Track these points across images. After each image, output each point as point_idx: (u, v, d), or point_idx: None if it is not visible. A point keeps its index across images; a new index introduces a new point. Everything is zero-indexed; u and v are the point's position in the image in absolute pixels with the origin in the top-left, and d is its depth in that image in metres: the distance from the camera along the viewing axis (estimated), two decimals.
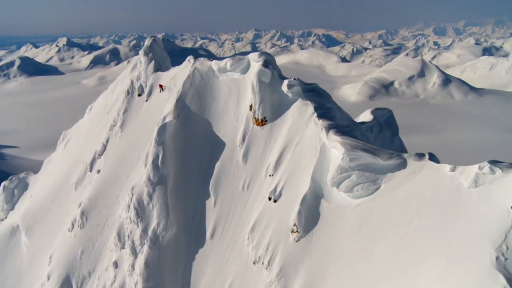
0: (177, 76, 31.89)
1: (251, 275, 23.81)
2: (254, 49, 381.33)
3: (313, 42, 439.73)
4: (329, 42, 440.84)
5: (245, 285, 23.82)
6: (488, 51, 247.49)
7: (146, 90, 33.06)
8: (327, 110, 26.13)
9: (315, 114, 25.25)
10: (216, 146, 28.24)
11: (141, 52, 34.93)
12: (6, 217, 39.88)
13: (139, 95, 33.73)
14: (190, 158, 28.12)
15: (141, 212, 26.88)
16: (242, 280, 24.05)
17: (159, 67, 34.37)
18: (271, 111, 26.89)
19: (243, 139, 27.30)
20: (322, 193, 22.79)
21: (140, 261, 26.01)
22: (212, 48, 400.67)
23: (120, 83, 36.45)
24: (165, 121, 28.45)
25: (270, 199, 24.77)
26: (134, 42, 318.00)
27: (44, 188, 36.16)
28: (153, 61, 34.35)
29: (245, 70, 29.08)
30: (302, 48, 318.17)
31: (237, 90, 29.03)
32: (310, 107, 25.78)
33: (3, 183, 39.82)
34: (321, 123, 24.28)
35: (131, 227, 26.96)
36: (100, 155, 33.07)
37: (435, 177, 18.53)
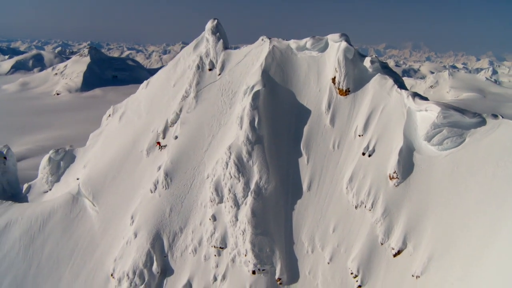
0: (251, 53, 35.23)
1: (354, 218, 27.98)
2: None
3: None
4: None
5: (350, 226, 27.92)
6: (407, 73, 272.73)
7: (218, 66, 35.88)
8: (400, 83, 31.44)
9: (396, 86, 30.39)
10: (301, 112, 32.09)
11: (208, 31, 37.61)
12: (50, 189, 39.53)
13: (210, 69, 36.37)
14: (280, 122, 31.65)
15: (241, 168, 29.76)
16: (346, 222, 28.10)
17: (226, 46, 37.37)
18: (353, 83, 31.50)
19: (329, 106, 31.54)
20: (414, 147, 27.81)
21: (245, 211, 28.84)
22: (140, 59, 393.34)
23: (182, 60, 38.59)
24: (254, 90, 31.68)
25: (364, 154, 29.23)
26: (59, 49, 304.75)
27: (104, 157, 36.88)
28: (221, 40, 37.26)
29: (323, 49, 33.45)
30: None
31: (316, 66, 33.24)
32: (389, 80, 30.88)
33: (48, 155, 39.45)
34: (405, 92, 29.49)
35: (232, 182, 29.68)
36: (174, 123, 35.05)
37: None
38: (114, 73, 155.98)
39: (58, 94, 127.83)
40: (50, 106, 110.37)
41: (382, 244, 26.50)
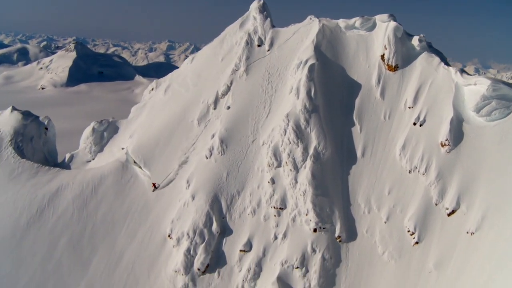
0: (299, 31, 37.15)
1: (408, 181, 30.10)
2: (168, 60, 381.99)
3: None
4: None
5: (404, 189, 30.02)
6: None
7: (267, 42, 37.66)
8: (445, 61, 33.89)
9: (442, 63, 32.81)
10: (352, 86, 34.13)
11: (255, 10, 39.36)
12: (93, 159, 40.28)
13: (258, 45, 38.06)
14: (333, 94, 33.59)
15: (300, 134, 31.51)
16: (400, 186, 30.19)
17: (273, 24, 39.21)
18: (401, 60, 33.75)
19: (378, 81, 33.68)
20: (462, 118, 30.19)
21: (305, 174, 30.58)
22: (125, 56, 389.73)
23: (229, 37, 40.11)
24: (308, 64, 33.56)
25: (415, 124, 31.45)
26: (44, 43, 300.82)
27: (153, 127, 37.97)
28: (268, 18, 39.04)
29: (371, 29, 35.63)
30: None
31: (364, 44, 35.38)
32: (436, 58, 33.28)
33: (92, 125, 40.18)
34: (453, 68, 31.92)
35: (290, 147, 31.39)
36: (224, 94, 36.55)
37: None
38: (100, 69, 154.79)
39: (43, 88, 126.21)
40: (35, 100, 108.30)
41: (436, 204, 28.62)
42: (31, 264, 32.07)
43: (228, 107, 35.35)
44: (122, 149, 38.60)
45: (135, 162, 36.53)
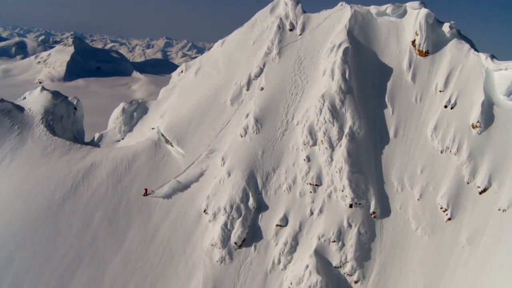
0: (331, 17, 38.13)
1: (440, 161, 31.19)
2: (165, 57, 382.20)
3: None
4: None
5: (436, 168, 31.11)
6: None
7: (299, 27, 38.62)
8: (474, 47, 35.05)
9: (472, 50, 33.96)
10: (384, 70, 35.16)
11: None
12: (123, 138, 40.93)
13: (290, 30, 38.99)
14: (365, 77, 34.59)
15: (335, 114, 32.46)
16: (432, 165, 31.27)
17: (304, 9, 40.19)
18: (432, 46, 34.85)
19: (409, 65, 34.75)
20: (493, 101, 31.36)
21: (341, 152, 31.54)
22: (123, 52, 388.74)
23: (259, 22, 40.95)
24: (342, 47, 34.54)
25: (446, 107, 32.56)
26: (42, 37, 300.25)
27: (184, 107, 38.70)
28: (299, 4, 40.01)
29: (401, 15, 36.71)
30: None
31: (395, 30, 36.44)
32: (466, 45, 34.44)
33: (122, 106, 40.82)
34: (483, 54, 33.08)
35: (326, 126, 32.32)
36: (257, 76, 37.41)
37: None
38: (97, 65, 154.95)
39: (40, 82, 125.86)
40: None
41: (468, 183, 29.73)
42: (67, 237, 32.66)
43: (262, 88, 36.19)
44: (153, 129, 39.28)
45: (166, 141, 37.21)
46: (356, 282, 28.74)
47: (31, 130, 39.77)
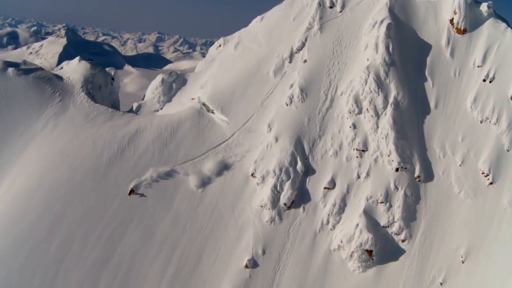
0: None
1: (480, 130, 32.92)
2: (157, 52, 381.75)
3: None
4: None
5: (476, 136, 32.83)
6: None
7: (339, 4, 40.11)
8: (510, 26, 36.99)
9: (509, 28, 35.88)
10: (423, 46, 36.84)
11: None
12: (161, 108, 41.76)
13: (330, 7, 40.45)
14: (406, 51, 36.19)
15: (380, 84, 33.96)
16: (472, 134, 32.99)
17: None
18: (469, 24, 36.66)
19: (448, 42, 36.50)
20: None
21: (386, 119, 33.03)
22: (114, 45, 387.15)
23: None
24: (384, 23, 36.11)
25: (484, 80, 34.35)
26: (35, 28, 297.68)
27: (226, 78, 39.76)
28: None
29: None
30: (204, 56, 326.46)
31: (433, 9, 38.19)
32: (502, 24, 36.35)
33: (161, 77, 41.65)
34: None
35: (371, 96, 33.78)
36: (299, 50, 38.75)
37: None
38: (89, 57, 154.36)
39: None
40: None
41: (508, 151, 31.50)
42: (116, 198, 33.38)
43: (305, 61, 37.50)
44: (192, 99, 40.21)
45: (208, 110, 38.21)
46: (403, 241, 30.15)
47: (72, 97, 40.35)
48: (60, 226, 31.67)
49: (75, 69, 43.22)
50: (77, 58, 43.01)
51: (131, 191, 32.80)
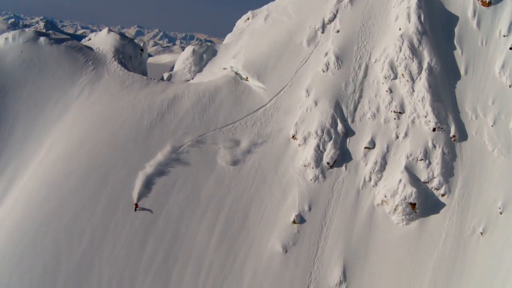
0: None
1: (509, 94, 34.96)
2: None
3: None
4: None
5: (506, 100, 34.87)
6: None
7: None
8: None
9: None
10: (451, 18, 38.74)
11: None
12: (192, 78, 42.48)
13: None
14: (435, 22, 37.99)
15: (414, 51, 35.64)
16: (502, 97, 34.99)
17: None
18: None
19: (474, 14, 38.52)
20: None
21: (422, 83, 34.71)
22: None
23: None
24: None
25: (511, 49, 36.47)
26: (12, 20, 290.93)
27: (259, 48, 40.83)
28: None
29: None
30: (183, 50, 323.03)
31: None
32: None
33: (192, 47, 42.39)
34: None
35: (406, 62, 35.42)
36: (331, 21, 40.17)
37: None
38: None
39: None
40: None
41: None
42: (159, 158, 33.79)
43: (338, 31, 38.91)
44: (224, 68, 41.05)
45: (241, 78, 39.14)
46: (443, 195, 31.77)
47: (105, 66, 40.63)
48: (105, 187, 31.96)
49: (104, 40, 43.42)
50: (106, 29, 43.21)
51: (136, 206, 30.63)
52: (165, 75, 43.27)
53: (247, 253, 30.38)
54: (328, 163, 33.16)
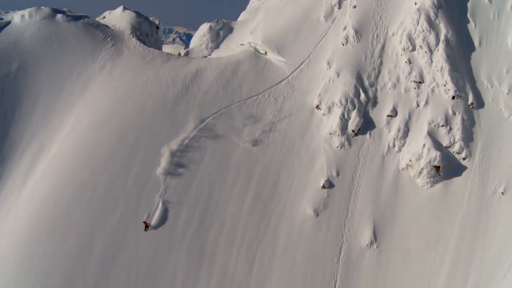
0: None
1: None
2: None
3: (173, 40, 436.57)
4: (190, 40, 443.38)
5: None
6: None
7: None
8: None
9: None
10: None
11: None
12: (209, 54, 43.01)
13: None
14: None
15: (431, 24, 37.00)
16: None
17: None
18: None
19: None
20: None
21: (440, 54, 36.08)
22: None
23: None
24: None
25: None
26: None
27: (277, 24, 41.63)
28: None
29: None
30: (163, 44, 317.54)
31: None
32: None
33: (209, 24, 42.84)
34: None
35: (424, 34, 36.74)
36: None
37: None
38: None
39: None
40: None
41: None
42: (186, 129, 34.27)
43: (354, 6, 39.98)
44: (242, 44, 41.70)
45: (259, 53, 39.88)
46: (464, 158, 33.22)
47: (124, 43, 40.74)
48: (135, 158, 32.32)
49: (119, 18, 43.47)
50: (121, 7, 43.25)
51: (145, 224, 29.22)
52: (182, 52, 43.61)
53: (279, 217, 31.16)
54: (353, 131, 34.21)
